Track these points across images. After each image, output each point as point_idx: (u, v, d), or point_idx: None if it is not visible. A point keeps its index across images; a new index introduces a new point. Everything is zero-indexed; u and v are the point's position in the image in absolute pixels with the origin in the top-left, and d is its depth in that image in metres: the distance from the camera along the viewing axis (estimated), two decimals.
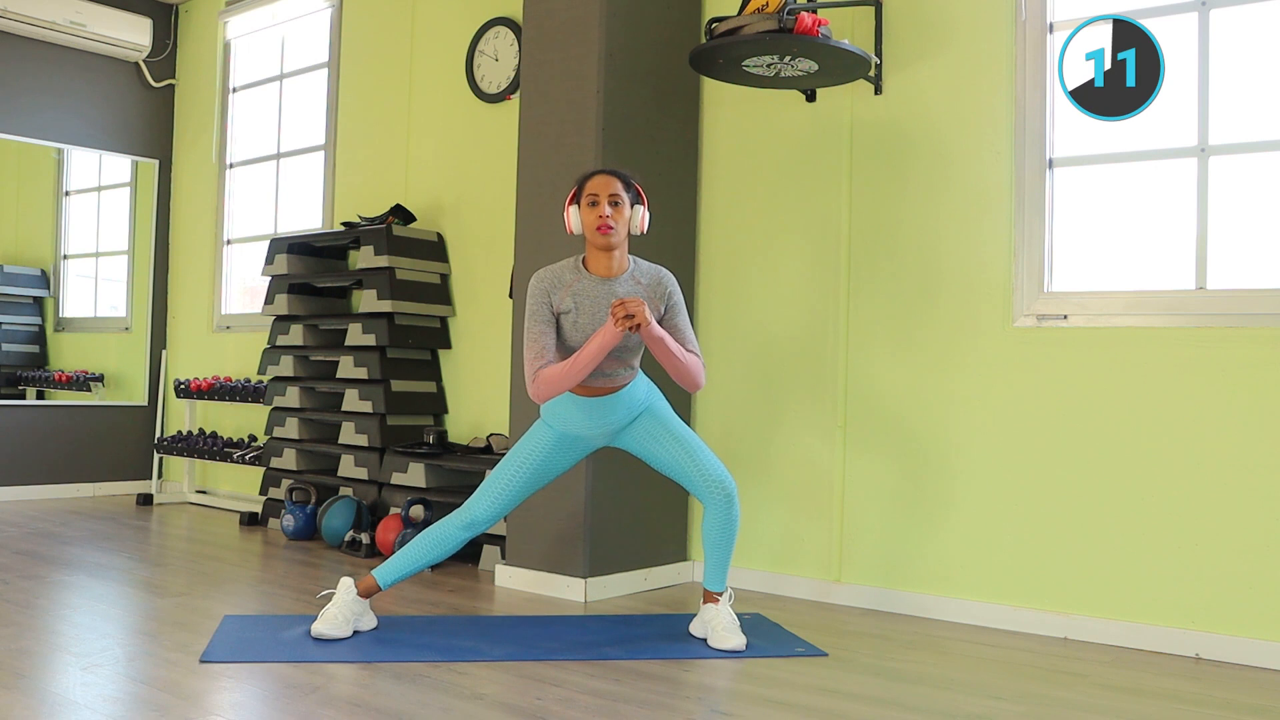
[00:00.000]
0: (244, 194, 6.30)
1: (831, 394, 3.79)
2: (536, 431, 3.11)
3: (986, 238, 3.49)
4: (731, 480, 3.04)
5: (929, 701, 2.57)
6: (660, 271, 3.08)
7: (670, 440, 3.06)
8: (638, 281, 3.02)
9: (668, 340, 2.91)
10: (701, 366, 3.03)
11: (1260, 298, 3.07)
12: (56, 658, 2.80)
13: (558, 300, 2.96)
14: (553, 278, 2.98)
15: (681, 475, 3.06)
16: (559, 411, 3.06)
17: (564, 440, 3.09)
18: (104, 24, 6.10)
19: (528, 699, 2.51)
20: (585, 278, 2.98)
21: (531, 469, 3.07)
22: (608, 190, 2.94)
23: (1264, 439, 3.00)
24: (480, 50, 4.83)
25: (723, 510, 3.03)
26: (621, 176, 2.99)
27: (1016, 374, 3.41)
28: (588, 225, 2.95)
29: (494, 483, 3.08)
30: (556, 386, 2.90)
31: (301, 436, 5.08)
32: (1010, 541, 3.39)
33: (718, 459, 3.07)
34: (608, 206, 2.93)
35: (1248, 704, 2.62)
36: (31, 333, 6.30)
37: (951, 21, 3.58)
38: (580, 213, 2.97)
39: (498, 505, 3.06)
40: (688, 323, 3.07)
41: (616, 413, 3.04)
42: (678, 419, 3.12)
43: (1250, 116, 3.16)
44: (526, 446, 3.09)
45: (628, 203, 2.97)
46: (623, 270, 3.01)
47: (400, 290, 4.73)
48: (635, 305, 2.81)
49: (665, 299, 3.04)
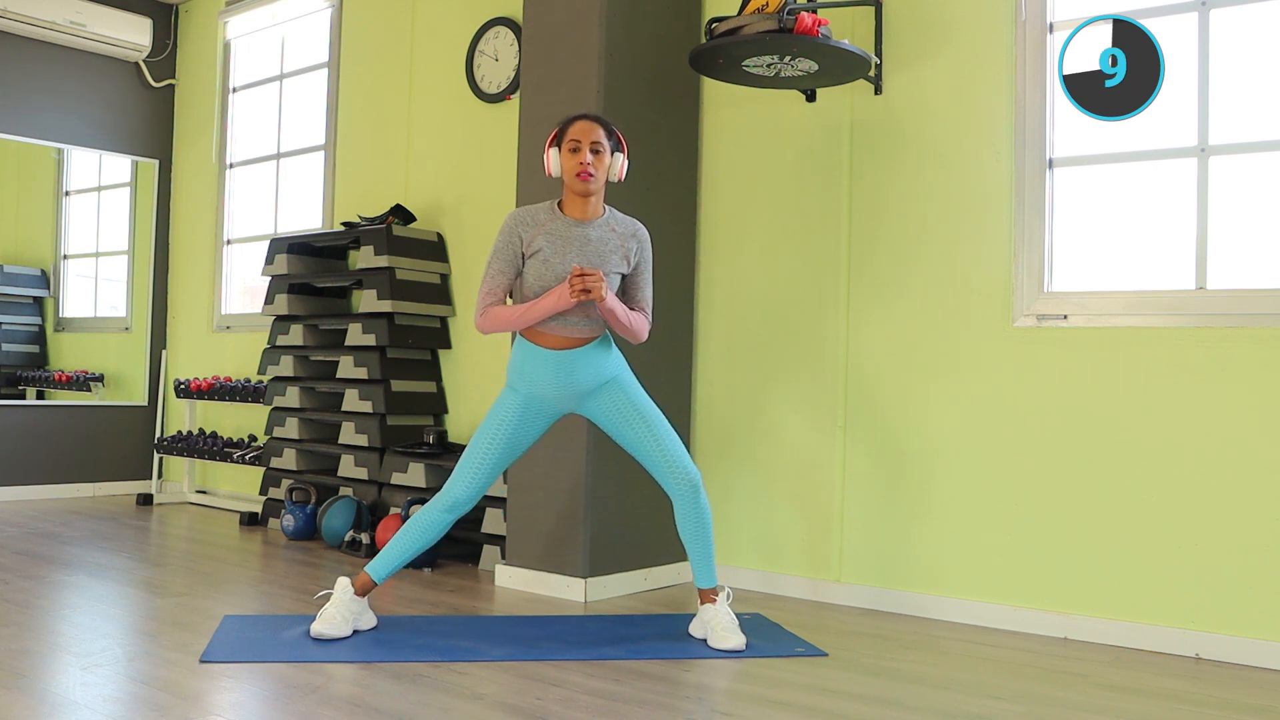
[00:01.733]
0: (244, 194, 6.30)
1: (831, 393, 3.79)
2: (503, 402, 3.11)
3: (986, 238, 3.50)
4: (696, 470, 3.06)
5: (929, 701, 2.57)
6: (636, 224, 3.13)
7: (638, 420, 3.08)
8: (612, 229, 3.07)
9: (618, 312, 2.98)
10: (646, 323, 3.12)
11: (1260, 298, 3.07)
12: (56, 658, 2.80)
13: (529, 238, 3.00)
14: (527, 217, 3.03)
15: (646, 458, 3.08)
16: (525, 370, 3.06)
17: (530, 405, 3.09)
18: (104, 24, 6.10)
19: (528, 699, 2.51)
20: (559, 219, 3.02)
21: (503, 441, 3.08)
22: (590, 137, 2.98)
23: (1264, 439, 3.00)
24: (480, 50, 4.83)
25: (689, 501, 3.05)
26: (604, 123, 3.03)
27: (1016, 374, 3.41)
28: (568, 170, 3.00)
29: (469, 461, 3.08)
30: (501, 326, 2.99)
31: (301, 436, 5.08)
32: (1010, 541, 3.39)
33: (683, 447, 3.09)
34: (589, 154, 2.97)
35: (1248, 704, 2.62)
36: (31, 333, 6.30)
37: (951, 21, 3.59)
38: (560, 157, 3.02)
39: (476, 483, 3.07)
40: (649, 281, 3.16)
41: (583, 371, 3.05)
42: (647, 398, 3.13)
43: (1250, 116, 3.16)
44: (495, 419, 3.09)
45: (608, 150, 3.01)
46: (598, 215, 3.06)
47: (400, 290, 4.73)
48: (593, 280, 2.87)
49: (637, 253, 3.10)
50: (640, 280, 3.13)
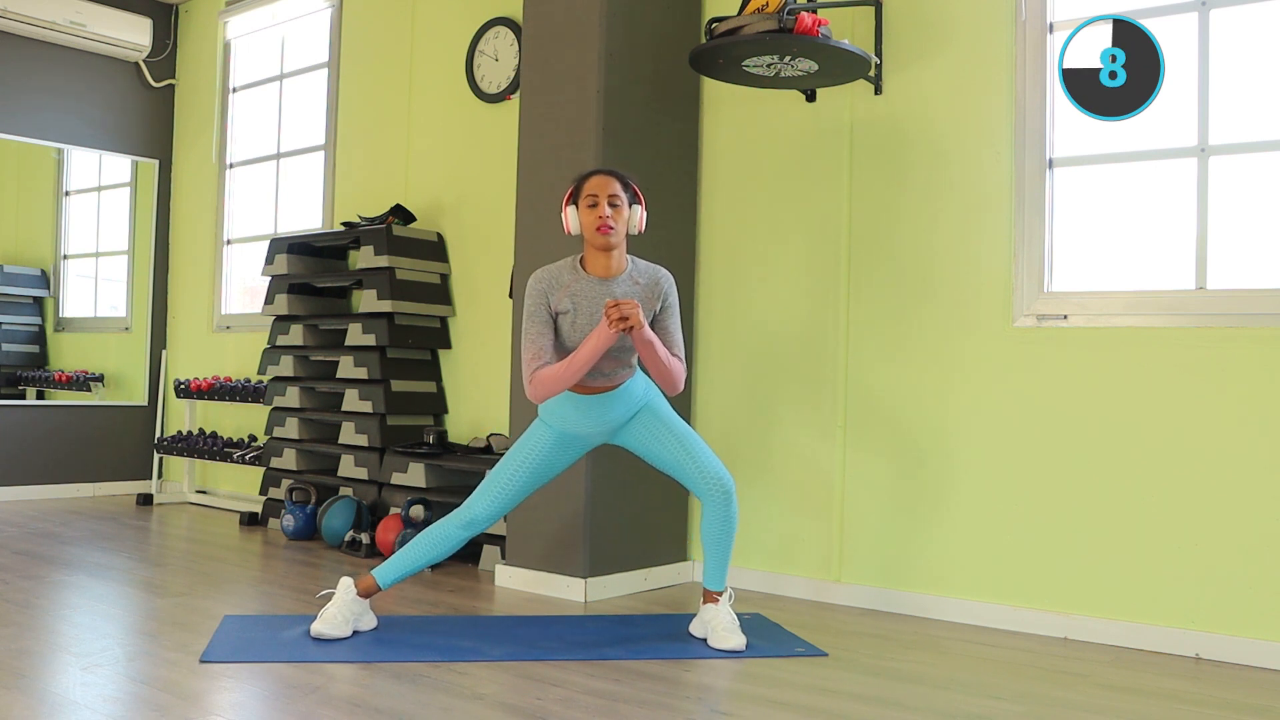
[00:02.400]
0: (244, 194, 6.30)
1: (831, 394, 3.79)
2: (535, 430, 3.11)
3: (986, 238, 3.49)
4: (730, 478, 3.04)
5: (929, 701, 2.57)
6: (658, 271, 3.07)
7: (669, 437, 3.06)
8: (635, 282, 3.02)
9: (656, 345, 2.90)
10: (683, 371, 3.02)
11: (1260, 298, 3.07)
12: (56, 658, 2.80)
13: (555, 301, 2.96)
14: (550, 278, 2.98)
15: (680, 473, 3.06)
16: (557, 411, 3.06)
17: (563, 439, 3.09)
18: (104, 24, 6.10)
19: (528, 699, 2.51)
20: (583, 278, 2.98)
21: (531, 468, 3.07)
22: (607, 191, 2.94)
23: (1264, 439, 3.00)
24: (480, 50, 4.83)
25: (721, 508, 3.03)
26: (620, 177, 2.99)
27: (1016, 374, 3.41)
28: (587, 226, 2.95)
29: (494, 482, 3.08)
30: (553, 387, 2.90)
31: (301, 436, 5.08)
32: (1010, 541, 3.39)
33: (716, 457, 3.07)
34: (607, 207, 2.93)
35: (1248, 704, 2.62)
36: (31, 333, 6.30)
37: (951, 21, 3.58)
38: (579, 213, 2.96)
39: (497, 504, 3.06)
40: (678, 325, 3.07)
41: (614, 410, 3.04)
42: (676, 416, 3.12)
43: (1250, 116, 3.16)
44: (526, 446, 3.10)
45: (626, 203, 2.97)
46: (621, 270, 3.01)
47: (400, 290, 4.73)
48: (629, 308, 2.80)
49: (661, 299, 3.04)
50: (668, 324, 3.05)
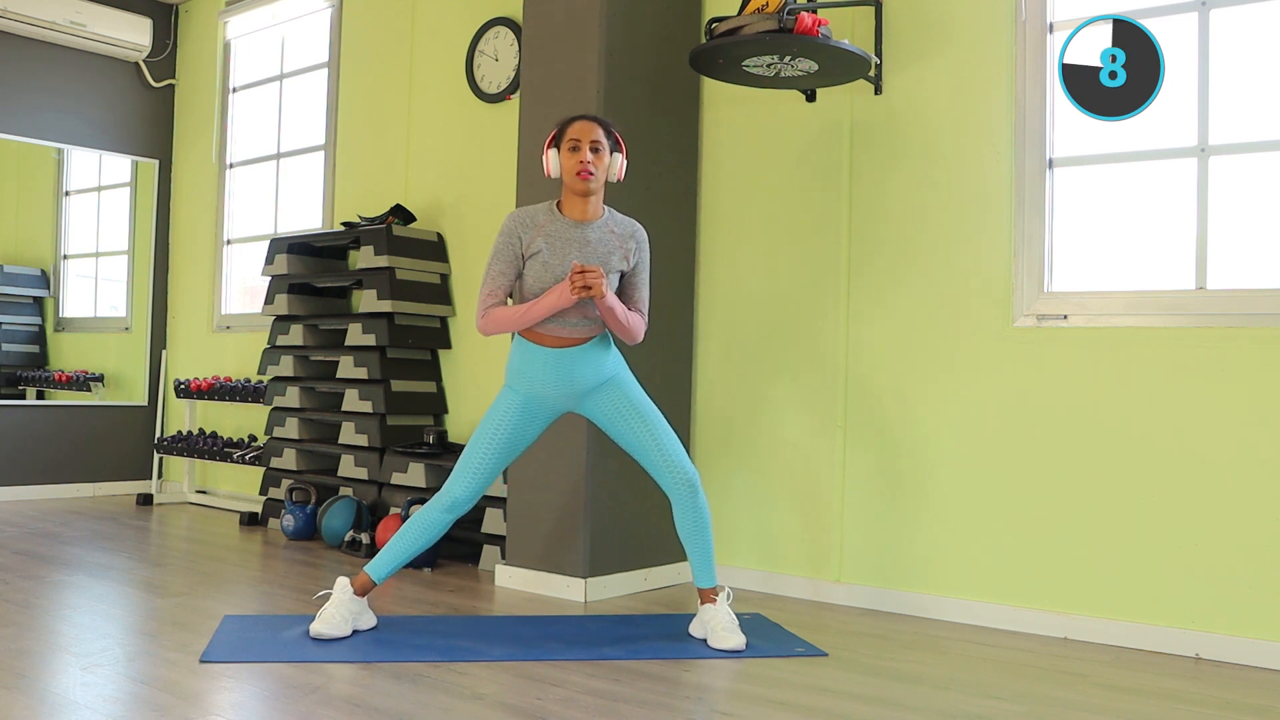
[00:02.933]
0: (244, 194, 6.30)
1: (831, 394, 3.79)
2: (502, 401, 3.11)
3: (986, 238, 3.49)
4: (694, 470, 3.06)
5: (929, 701, 2.57)
6: (634, 224, 3.13)
7: (636, 419, 3.08)
8: (611, 230, 3.06)
9: (617, 311, 2.98)
10: (642, 324, 3.12)
11: (1260, 298, 3.07)
12: (56, 658, 2.80)
13: (528, 239, 2.99)
14: (526, 218, 3.03)
15: (644, 457, 3.08)
16: (524, 370, 3.06)
17: (529, 405, 3.09)
18: (104, 24, 6.10)
19: (528, 699, 2.51)
20: (559, 220, 3.02)
21: (502, 441, 3.08)
22: (589, 136, 2.98)
23: (1264, 439, 3.00)
24: (480, 50, 4.83)
25: (688, 501, 3.05)
26: (603, 123, 3.04)
27: (1016, 374, 3.41)
28: (567, 170, 2.99)
29: (468, 461, 3.08)
30: (503, 326, 2.99)
31: (301, 436, 5.08)
32: (1010, 541, 3.39)
33: (682, 447, 3.09)
34: (589, 152, 2.97)
35: (1248, 704, 2.62)
36: (31, 333, 6.30)
37: (951, 21, 3.58)
38: (560, 157, 3.01)
39: (475, 483, 3.07)
40: (646, 282, 3.16)
41: (580, 369, 3.05)
42: (646, 398, 3.13)
43: (1250, 116, 3.16)
44: (494, 419, 3.09)
45: (608, 149, 3.02)
46: (598, 216, 3.05)
47: (400, 290, 4.73)
48: (594, 277, 2.87)
49: (635, 254, 3.09)
50: (638, 280, 3.13)
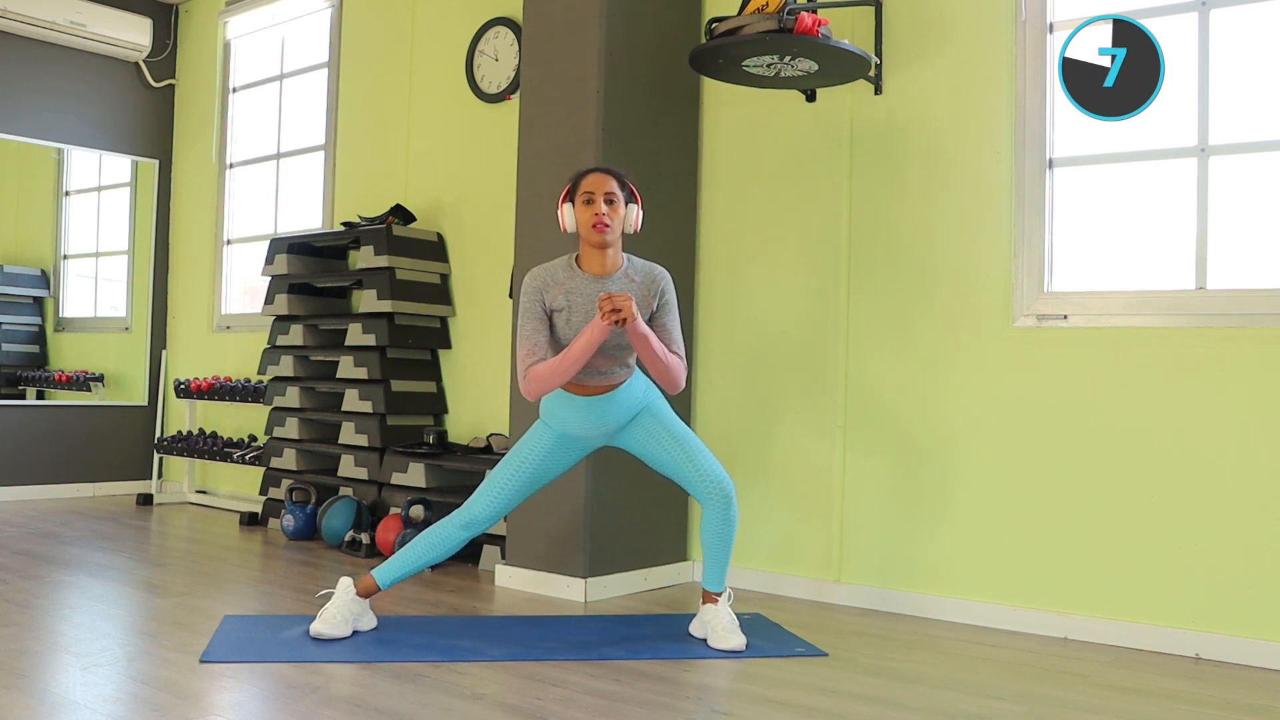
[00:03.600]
0: (244, 194, 6.30)
1: (831, 394, 3.79)
2: (536, 431, 3.11)
3: (986, 238, 3.49)
4: (730, 481, 3.04)
5: (929, 701, 2.57)
6: (654, 269, 3.06)
7: (669, 440, 3.06)
8: (631, 279, 3.01)
9: (652, 339, 2.90)
10: (683, 368, 3.01)
11: (1260, 298, 3.07)
12: (56, 658, 2.80)
13: (550, 298, 2.96)
14: (546, 276, 2.98)
15: (680, 475, 3.06)
16: (556, 412, 3.06)
17: (563, 440, 3.09)
18: (104, 24, 6.10)
19: (528, 699, 2.51)
20: (578, 276, 2.98)
21: (531, 469, 3.07)
22: (603, 188, 2.94)
23: (1264, 439, 3.00)
24: (480, 50, 4.83)
25: (720, 511, 3.03)
26: (616, 175, 2.99)
27: (1016, 374, 3.41)
28: (583, 224, 2.95)
29: (494, 482, 3.08)
30: (548, 383, 2.89)
31: (301, 436, 5.08)
32: (1010, 541, 3.39)
33: (716, 460, 3.07)
34: (604, 204, 2.93)
35: (1248, 704, 2.62)
36: (31, 333, 6.30)
37: (951, 21, 3.58)
38: (575, 211, 2.97)
39: (497, 505, 3.06)
40: (676, 323, 3.06)
41: (614, 412, 3.04)
42: (676, 418, 3.12)
43: (1250, 116, 3.16)
44: (526, 446, 3.09)
45: (623, 201, 2.98)
46: (616, 268, 3.01)
47: (400, 290, 4.73)
48: (622, 300, 2.79)
49: (658, 296, 3.03)
50: (666, 321, 3.03)
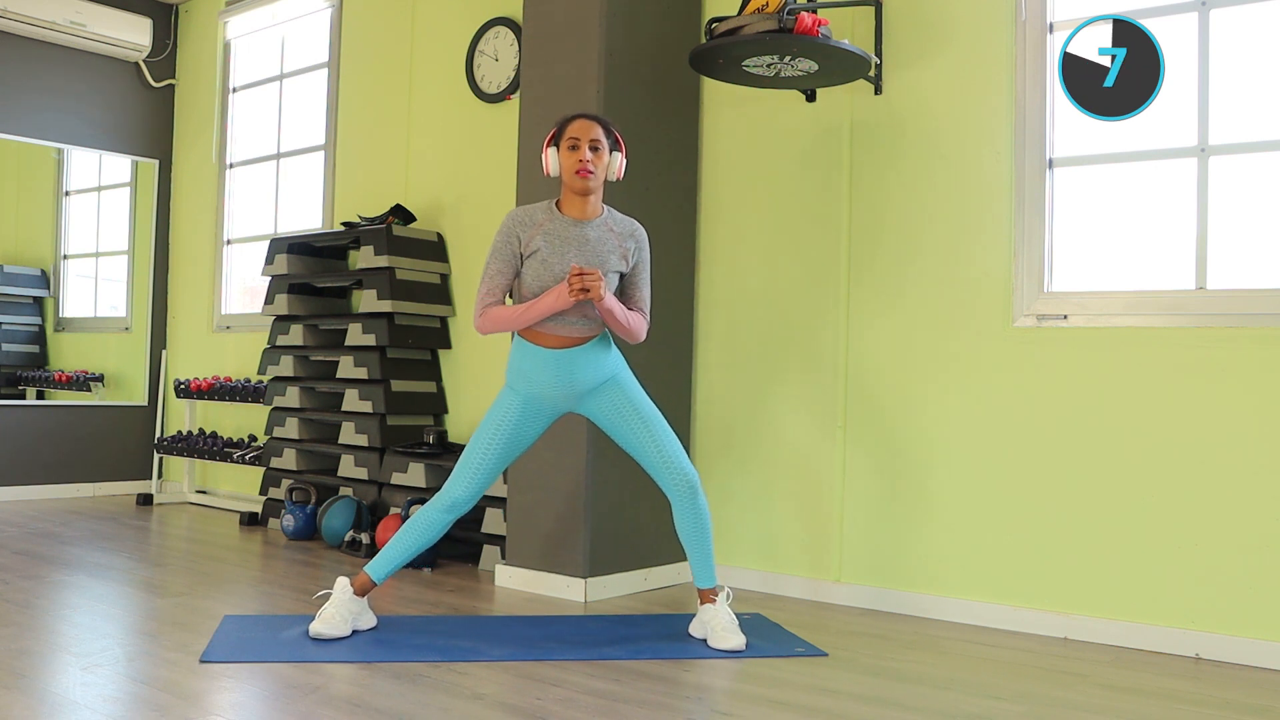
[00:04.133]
0: (244, 194, 6.30)
1: (831, 394, 3.79)
2: (502, 401, 3.11)
3: (986, 238, 3.49)
4: (694, 471, 3.06)
5: (929, 701, 2.57)
6: (634, 223, 3.12)
7: (636, 420, 3.07)
8: (610, 228, 3.06)
9: (616, 312, 2.98)
10: (644, 323, 3.12)
11: (1260, 298, 3.07)
12: (56, 658, 2.80)
13: (526, 238, 2.99)
14: (524, 216, 3.03)
15: (644, 458, 3.08)
16: (524, 369, 3.06)
17: (529, 405, 3.09)
18: (104, 24, 6.10)
19: (528, 699, 2.51)
20: (557, 219, 3.02)
21: (502, 441, 3.08)
22: (589, 135, 2.98)
23: (1264, 439, 3.00)
24: (480, 50, 4.83)
25: (688, 502, 3.05)
26: (602, 122, 3.03)
27: (1016, 374, 3.41)
28: (566, 169, 2.99)
29: (468, 461, 3.08)
30: (501, 326, 2.99)
31: (301, 436, 5.08)
32: (1010, 541, 3.39)
33: (682, 448, 3.09)
34: (588, 151, 2.97)
35: (1248, 704, 2.62)
36: (31, 333, 6.30)
37: (951, 21, 3.58)
38: (559, 155, 3.01)
39: (475, 483, 3.07)
40: (647, 281, 3.16)
41: (581, 370, 3.04)
42: (646, 398, 3.13)
43: (1250, 116, 3.16)
44: (494, 419, 3.09)
45: (607, 148, 3.01)
46: (597, 215, 3.05)
47: (400, 290, 4.73)
48: (592, 279, 2.86)
49: (635, 253, 3.09)
50: (638, 280, 3.13)
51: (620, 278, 3.10)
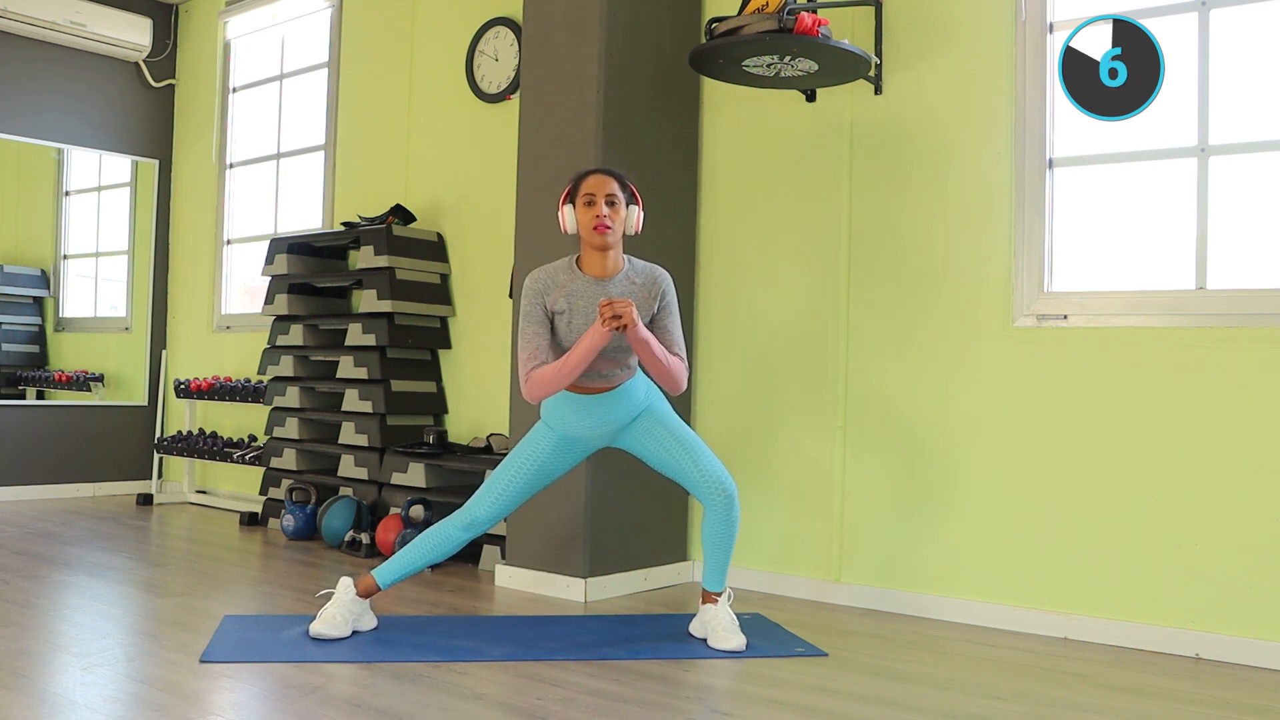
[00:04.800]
0: (244, 194, 6.30)
1: (831, 394, 3.79)
2: (537, 432, 3.11)
3: (986, 238, 3.49)
4: (732, 482, 3.03)
5: (929, 701, 2.57)
6: (655, 271, 3.05)
7: (671, 440, 3.05)
8: (632, 281, 3.00)
9: (652, 344, 2.89)
10: (684, 369, 3.00)
11: (1260, 298, 3.07)
12: (56, 658, 2.80)
13: (551, 301, 2.95)
14: (546, 278, 2.97)
15: (682, 476, 3.05)
16: (558, 412, 3.05)
17: (564, 441, 3.08)
18: (104, 24, 6.10)
19: (528, 699, 2.51)
20: (579, 278, 2.97)
21: (532, 470, 3.07)
22: (604, 190, 2.93)
23: (1264, 439, 3.00)
24: (480, 50, 4.83)
25: (723, 512, 3.02)
26: (617, 176, 2.98)
27: (1016, 374, 3.41)
28: (584, 225, 2.94)
29: (495, 483, 3.08)
30: (549, 387, 2.88)
31: (301, 436, 5.08)
32: (1010, 541, 3.39)
33: (718, 460, 3.07)
34: (604, 206, 2.91)
35: (1248, 704, 2.62)
36: (31, 333, 6.30)
37: (951, 21, 3.58)
38: (576, 212, 2.96)
39: (498, 506, 3.06)
40: (677, 324, 3.05)
41: (615, 412, 3.04)
42: (678, 419, 3.12)
43: (1250, 116, 3.16)
44: (527, 448, 3.09)
45: (623, 202, 2.97)
46: (618, 270, 3.00)
47: (400, 290, 4.73)
48: (623, 306, 2.78)
49: (659, 299, 3.02)
50: (667, 323, 3.03)
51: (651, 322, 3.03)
